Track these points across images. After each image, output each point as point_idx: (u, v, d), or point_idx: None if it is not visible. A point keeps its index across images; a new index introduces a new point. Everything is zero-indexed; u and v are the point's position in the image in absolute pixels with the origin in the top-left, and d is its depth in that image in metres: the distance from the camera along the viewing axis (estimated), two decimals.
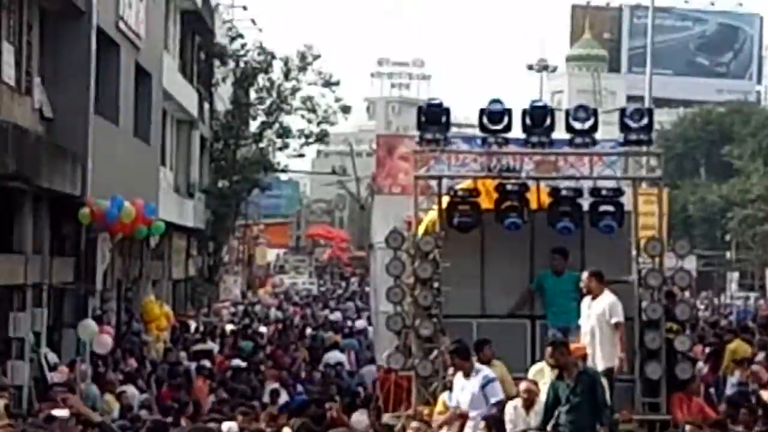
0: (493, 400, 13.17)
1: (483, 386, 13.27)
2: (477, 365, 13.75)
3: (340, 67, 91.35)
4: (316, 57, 48.86)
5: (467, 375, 13.44)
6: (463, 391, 13.47)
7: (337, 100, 50.02)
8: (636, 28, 70.80)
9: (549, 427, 12.43)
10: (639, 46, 65.11)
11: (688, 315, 17.60)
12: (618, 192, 16.92)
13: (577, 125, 16.62)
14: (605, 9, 79.05)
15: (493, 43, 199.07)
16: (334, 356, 27.41)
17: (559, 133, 16.85)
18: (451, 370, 14.29)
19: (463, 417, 13.27)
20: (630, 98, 22.92)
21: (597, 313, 14.70)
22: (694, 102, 69.56)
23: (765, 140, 58.00)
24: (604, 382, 13.40)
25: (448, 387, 14.23)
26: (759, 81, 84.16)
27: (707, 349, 23.35)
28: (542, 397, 13.05)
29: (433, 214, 17.17)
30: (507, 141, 16.66)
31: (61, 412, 14.03)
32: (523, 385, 13.41)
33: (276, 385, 22.37)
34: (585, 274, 15.12)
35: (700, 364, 20.27)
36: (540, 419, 12.68)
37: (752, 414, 15.09)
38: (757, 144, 57.49)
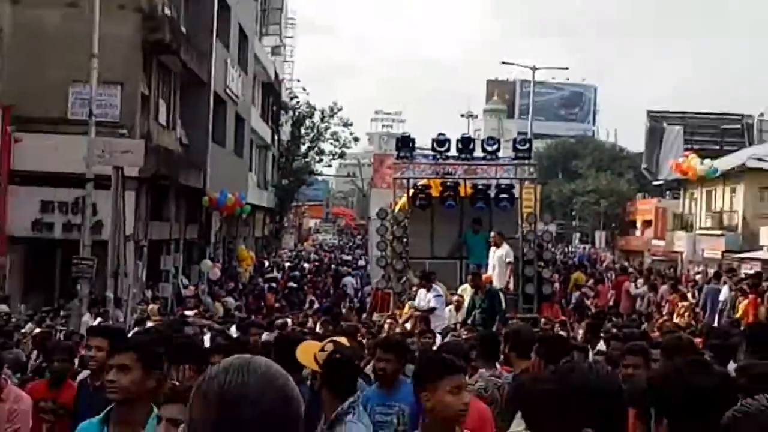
0: (432, 304, 16.33)
1: (434, 297, 16.47)
2: (434, 285, 16.90)
3: (353, 114, 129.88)
4: (339, 109, 62.99)
5: (428, 290, 16.59)
6: (425, 299, 16.51)
7: (351, 134, 65.19)
8: (523, 93, 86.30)
9: (469, 321, 15.44)
10: (525, 103, 79.85)
11: (550, 257, 22.27)
12: (511, 186, 21.61)
13: (488, 148, 21.58)
14: (506, 83, 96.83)
15: (443, 100, 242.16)
16: (348, 280, 34.10)
17: (478, 153, 21.47)
18: (414, 289, 17.79)
19: (419, 314, 15.83)
20: (519, 134, 29.04)
21: (498, 256, 18.76)
22: (556, 136, 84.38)
23: (596, 157, 71.99)
24: (501, 295, 16.96)
25: (412, 298, 17.51)
26: (593, 124, 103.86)
27: (560, 277, 27.02)
28: (466, 303, 16.48)
29: (404, 200, 21.62)
30: (447, 157, 21.33)
31: (189, 313, 19.29)
32: (454, 297, 17.09)
33: (312, 298, 28.90)
34: (493, 233, 19.29)
35: (556, 285, 23.62)
36: (464, 317, 16.03)
37: (583, 316, 19.89)
38: (591, 160, 71.04)
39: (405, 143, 21.83)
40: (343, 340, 6.34)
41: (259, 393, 1.82)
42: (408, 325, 15.58)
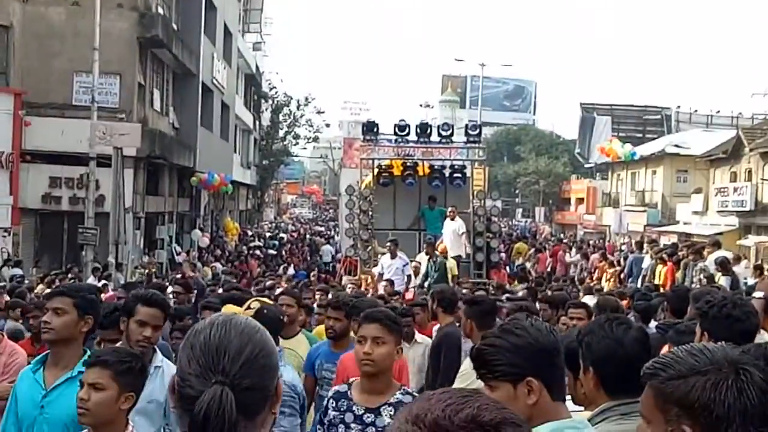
0: (407, 272, 16.58)
1: (404, 265, 16.60)
2: (399, 253, 16.87)
3: (325, 102, 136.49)
4: (313, 99, 62.29)
5: (393, 257, 16.70)
6: (390, 266, 16.58)
7: (323, 120, 64.62)
8: (473, 86, 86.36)
9: (425, 284, 15.35)
10: (475, 95, 79.45)
11: (497, 229, 21.84)
12: (463, 167, 21.59)
13: (443, 133, 21.50)
14: (458, 77, 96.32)
15: (405, 91, 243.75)
16: (327, 248, 33.50)
17: (434, 138, 21.41)
18: (380, 257, 17.80)
19: (380, 279, 16.05)
20: (470, 121, 29.24)
21: (453, 229, 18.58)
22: (502, 124, 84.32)
23: (535, 143, 71.77)
24: (454, 262, 17.09)
25: (375, 265, 17.87)
26: (534, 114, 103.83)
27: (505, 247, 26.69)
28: (423, 269, 16.63)
29: (369, 178, 21.68)
30: (408, 141, 21.22)
31: (179, 276, 19.55)
32: (413, 263, 16.98)
33: (287, 266, 28.49)
34: (450, 208, 19.09)
35: (503, 254, 23.58)
36: (421, 281, 16.24)
37: (524, 280, 19.23)
38: (532, 145, 70.62)
39: (370, 128, 21.69)
40: (266, 300, 6.24)
41: (240, 345, 1.85)
42: (381, 289, 15.14)
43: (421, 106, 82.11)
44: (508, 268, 23.71)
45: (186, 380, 1.84)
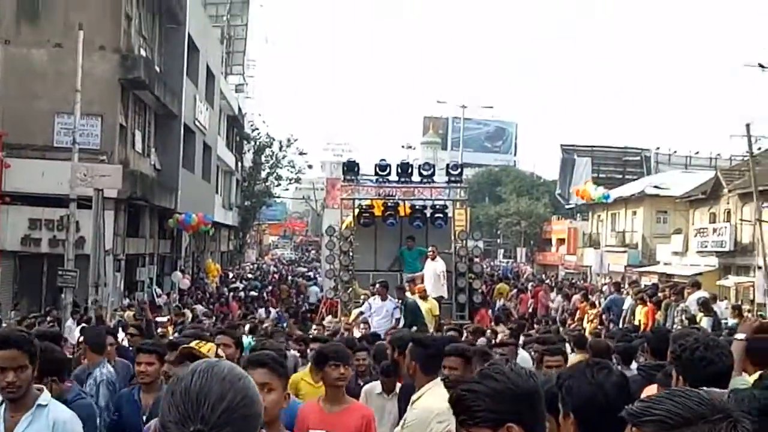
0: (397, 314, 15.76)
1: (394, 308, 15.93)
2: (388, 296, 16.14)
3: (308, 143, 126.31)
4: (295, 140, 62.96)
5: (384, 299, 15.97)
6: (380, 308, 15.92)
7: (306, 161, 65.86)
8: (455, 128, 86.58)
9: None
10: (456, 137, 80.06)
11: (479, 270, 21.62)
12: (445, 207, 21.56)
13: (424, 173, 21.45)
14: (439, 118, 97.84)
15: (387, 132, 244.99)
16: (313, 290, 32.45)
17: (416, 178, 21.35)
18: (362, 297, 17.48)
19: (364, 322, 15.31)
20: (451, 162, 29.30)
21: (433, 269, 18.40)
22: (483, 165, 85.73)
23: (516, 184, 72.47)
24: (435, 303, 16.76)
25: (358, 306, 17.10)
26: (515, 155, 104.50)
27: (486, 288, 25.73)
28: None
29: (350, 218, 21.43)
30: (389, 181, 21.07)
31: (162, 319, 19.32)
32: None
33: (271, 308, 27.65)
34: (431, 247, 18.86)
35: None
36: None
37: (507, 321, 18.84)
38: (513, 186, 71.48)
39: (350, 167, 21.61)
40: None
41: (221, 393, 1.83)
42: (356, 332, 14.67)
43: (402, 147, 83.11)
44: (489, 310, 23.37)
45: (166, 428, 1.83)
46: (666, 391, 2.01)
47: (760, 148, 31.11)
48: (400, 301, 15.88)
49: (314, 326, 18.04)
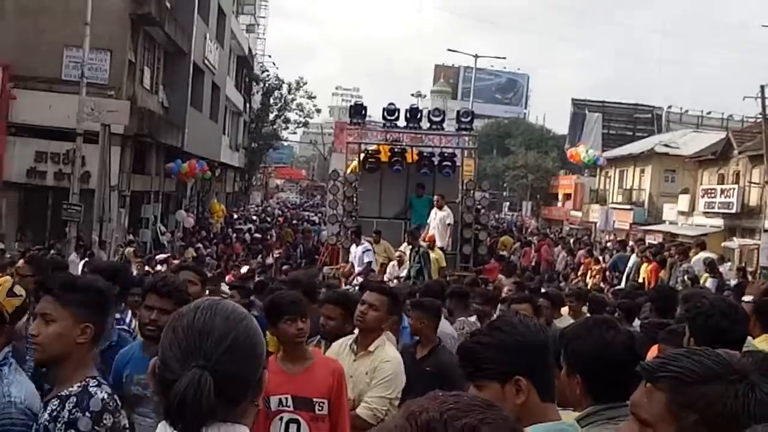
0: (366, 260, 16.16)
1: (363, 252, 16.27)
2: (363, 240, 16.52)
3: (317, 88, 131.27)
4: (305, 83, 62.45)
5: (357, 245, 16.52)
6: (354, 253, 16.49)
7: (314, 106, 64.53)
8: (466, 78, 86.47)
9: (412, 274, 15.10)
10: (467, 87, 79.72)
11: (485, 221, 21.16)
12: (453, 155, 20.66)
13: (434, 119, 20.69)
14: (451, 67, 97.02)
15: (396, 81, 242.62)
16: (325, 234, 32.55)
17: (424, 124, 20.70)
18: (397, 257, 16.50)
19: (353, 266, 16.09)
20: (462, 109, 28.78)
21: (440, 218, 18.00)
22: (493, 117, 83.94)
23: (526, 137, 71.93)
24: (442, 254, 16.61)
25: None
26: (525, 107, 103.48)
27: (491, 240, 25.24)
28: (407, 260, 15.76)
29: (355, 163, 21.00)
30: (397, 126, 20.48)
31: (163, 256, 19.38)
32: (397, 254, 16.50)
33: (277, 252, 27.22)
34: (436, 196, 18.39)
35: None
36: (406, 271, 15.60)
37: (511, 273, 17.83)
38: (522, 139, 70.88)
39: (357, 111, 20.99)
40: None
41: (224, 331, 1.81)
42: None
43: (412, 95, 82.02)
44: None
45: (166, 364, 1.81)
46: (684, 349, 2.00)
47: None
48: (411, 248, 15.68)
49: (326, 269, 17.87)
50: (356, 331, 5.58)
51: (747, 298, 5.31)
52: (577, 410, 2.81)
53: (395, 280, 14.70)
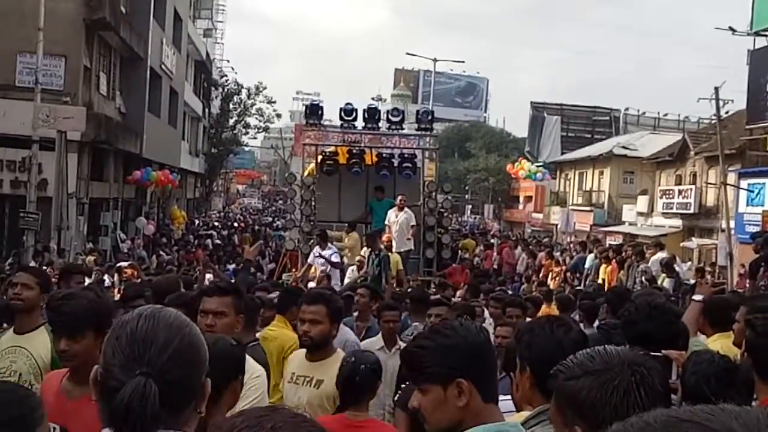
0: (334, 259, 15.63)
1: (331, 254, 15.64)
2: (329, 244, 15.92)
3: (277, 93, 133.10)
4: (264, 88, 61.69)
5: (323, 248, 15.68)
6: (319, 256, 15.56)
7: (274, 110, 63.65)
8: (426, 82, 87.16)
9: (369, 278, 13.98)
10: (427, 91, 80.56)
11: (448, 224, 20.54)
12: (414, 156, 20.30)
13: (393, 119, 20.14)
14: (411, 71, 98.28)
15: (356, 85, 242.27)
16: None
17: (383, 125, 20.18)
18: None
19: (310, 268, 15.46)
20: (422, 108, 29.30)
21: (401, 221, 17.28)
22: (453, 120, 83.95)
23: (486, 140, 72.15)
24: (398, 257, 15.80)
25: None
26: (485, 111, 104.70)
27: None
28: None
29: (312, 165, 20.55)
30: (354, 127, 19.90)
31: (124, 264, 19.06)
32: (356, 258, 15.78)
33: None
34: (399, 197, 17.63)
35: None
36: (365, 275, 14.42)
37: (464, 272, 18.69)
38: (482, 142, 70.88)
39: (314, 111, 20.33)
40: None
41: (168, 337, 1.82)
42: (312, 283, 14.20)
43: (373, 99, 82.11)
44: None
45: (109, 371, 1.81)
46: (583, 351, 2.15)
47: (728, 112, 31.26)
48: (371, 252, 15.03)
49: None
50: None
51: (697, 297, 5.38)
52: (526, 410, 2.85)
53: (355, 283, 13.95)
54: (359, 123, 20.07)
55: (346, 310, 7.59)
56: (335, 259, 15.58)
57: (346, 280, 15.08)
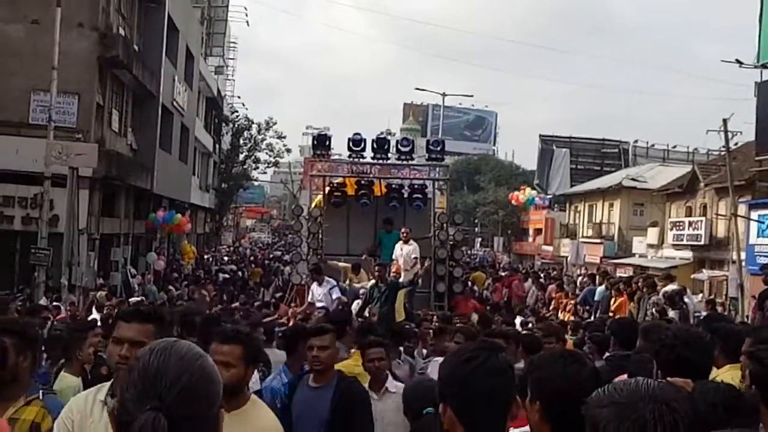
0: (334, 296, 14.99)
1: (330, 289, 15.08)
2: (326, 278, 15.34)
3: (287, 128, 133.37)
4: (274, 123, 62.63)
5: (320, 284, 15.12)
6: (318, 293, 15.01)
7: (284, 145, 64.47)
8: (435, 116, 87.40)
9: (365, 312, 14.02)
10: (436, 124, 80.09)
11: (459, 257, 20.24)
12: (424, 187, 19.76)
13: (403, 149, 19.85)
14: (419, 106, 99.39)
15: (365, 119, 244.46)
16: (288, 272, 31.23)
17: (393, 155, 19.84)
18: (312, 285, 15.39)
19: (312, 306, 14.67)
20: (432, 138, 29.58)
21: (406, 252, 16.98)
22: (463, 154, 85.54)
23: (495, 173, 73.26)
24: (403, 289, 14.96)
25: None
26: (494, 144, 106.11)
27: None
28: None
29: (320, 197, 19.96)
30: (363, 157, 19.59)
31: (135, 299, 18.67)
32: (361, 291, 15.40)
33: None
34: (404, 229, 17.37)
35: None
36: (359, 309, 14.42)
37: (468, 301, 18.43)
38: (492, 175, 72.16)
39: (321, 141, 19.97)
40: None
41: (178, 372, 1.84)
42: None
43: (382, 133, 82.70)
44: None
45: (123, 406, 1.84)
46: (616, 381, 2.15)
47: (737, 144, 31.30)
48: (376, 283, 14.65)
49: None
50: None
51: None
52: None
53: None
54: (368, 153, 19.83)
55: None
56: (335, 294, 15.11)
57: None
